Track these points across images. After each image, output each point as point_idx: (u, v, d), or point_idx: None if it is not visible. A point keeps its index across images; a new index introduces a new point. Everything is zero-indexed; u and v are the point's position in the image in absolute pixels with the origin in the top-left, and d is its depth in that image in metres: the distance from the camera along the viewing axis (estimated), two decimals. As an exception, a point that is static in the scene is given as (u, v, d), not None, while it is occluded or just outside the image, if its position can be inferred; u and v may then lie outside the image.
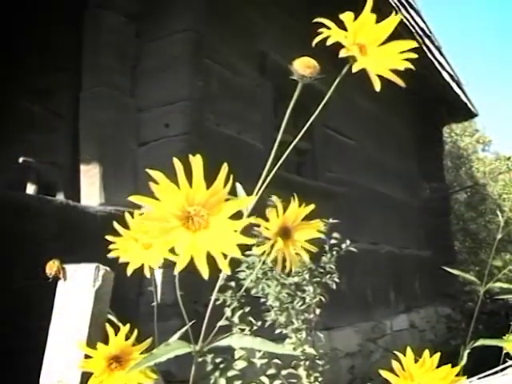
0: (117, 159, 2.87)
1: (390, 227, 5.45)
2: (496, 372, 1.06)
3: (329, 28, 0.62)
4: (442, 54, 6.09)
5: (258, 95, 3.68)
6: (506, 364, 1.09)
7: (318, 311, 2.30)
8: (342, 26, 0.61)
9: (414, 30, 4.97)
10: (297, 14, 4.16)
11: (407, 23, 4.82)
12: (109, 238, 0.85)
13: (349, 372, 4.07)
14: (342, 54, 0.62)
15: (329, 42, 0.61)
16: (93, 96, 2.87)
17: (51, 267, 0.99)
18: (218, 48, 3.29)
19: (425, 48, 5.33)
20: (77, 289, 1.05)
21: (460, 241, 10.16)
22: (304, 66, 0.65)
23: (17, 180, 3.41)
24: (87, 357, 0.81)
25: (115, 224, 0.85)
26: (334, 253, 2.38)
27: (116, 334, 0.82)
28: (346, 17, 0.62)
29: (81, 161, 2.86)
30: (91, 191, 2.78)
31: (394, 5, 4.59)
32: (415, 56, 0.63)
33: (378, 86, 0.62)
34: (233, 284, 2.15)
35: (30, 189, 3.37)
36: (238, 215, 0.57)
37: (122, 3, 3.01)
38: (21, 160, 3.31)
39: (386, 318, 5.06)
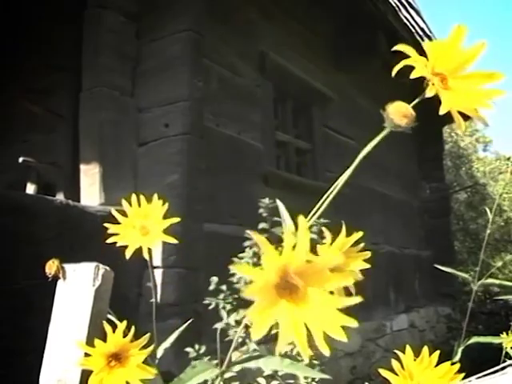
0: (117, 159, 2.87)
1: (390, 227, 5.45)
2: (495, 371, 1.06)
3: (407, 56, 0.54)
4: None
5: (257, 95, 3.68)
6: (505, 363, 1.09)
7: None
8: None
9: (414, 30, 4.97)
10: (297, 14, 4.16)
11: (407, 23, 4.82)
12: (107, 225, 0.88)
13: (350, 372, 4.07)
14: (429, 93, 0.55)
15: (413, 76, 0.55)
16: (93, 96, 2.87)
17: (51, 267, 0.99)
18: (217, 48, 3.29)
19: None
20: (76, 288, 1.05)
21: (460, 241, 10.15)
22: (401, 115, 0.59)
23: (17, 180, 3.41)
24: (87, 355, 0.82)
25: (115, 213, 0.88)
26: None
27: (114, 332, 0.82)
28: (428, 46, 0.54)
29: (81, 161, 2.86)
30: (91, 191, 2.78)
31: (394, 5, 4.59)
32: (504, 93, 0.55)
33: (462, 129, 0.55)
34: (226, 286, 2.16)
35: (30, 189, 3.37)
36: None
37: (122, 3, 3.01)
38: (21, 160, 3.31)
39: (386, 318, 5.06)
